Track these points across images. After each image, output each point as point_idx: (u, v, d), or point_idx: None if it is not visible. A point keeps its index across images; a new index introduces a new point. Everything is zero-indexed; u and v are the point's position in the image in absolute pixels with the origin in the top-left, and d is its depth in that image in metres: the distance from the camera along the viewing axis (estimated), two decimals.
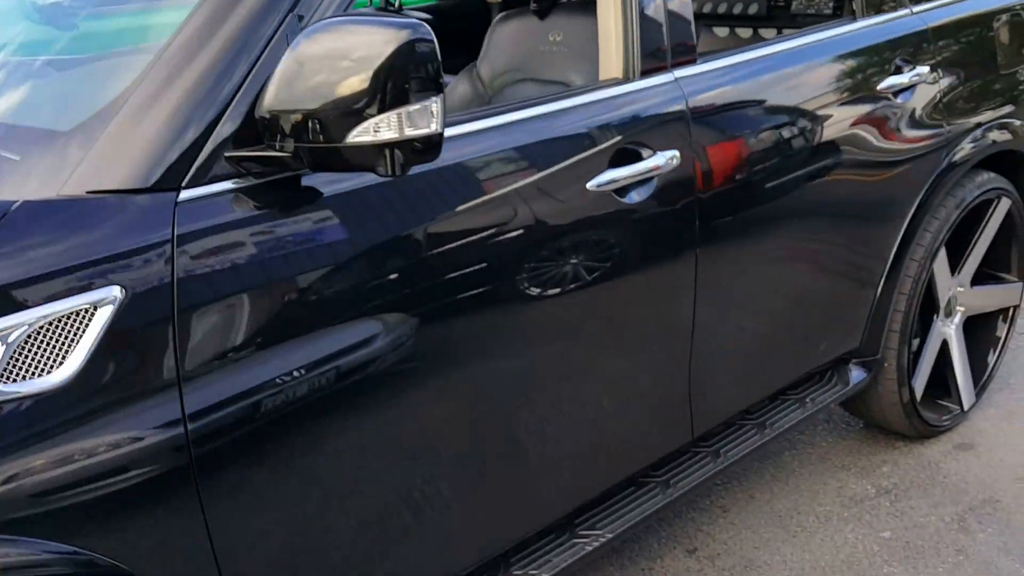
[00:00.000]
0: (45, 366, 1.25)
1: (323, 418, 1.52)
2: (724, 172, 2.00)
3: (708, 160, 1.96)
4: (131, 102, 1.40)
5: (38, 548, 1.30)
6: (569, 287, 1.78)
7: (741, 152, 2.04)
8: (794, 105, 2.17)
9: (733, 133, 2.03)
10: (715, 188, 1.98)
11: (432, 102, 1.31)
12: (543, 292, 1.74)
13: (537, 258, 1.72)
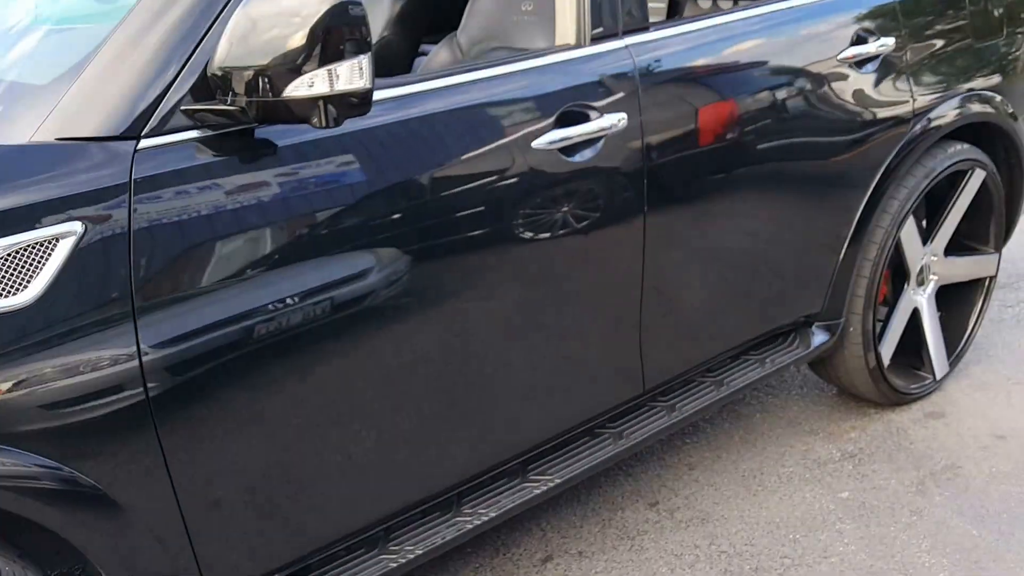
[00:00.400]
0: (11, 289, 1.39)
1: (270, 356, 1.65)
2: (674, 135, 2.10)
3: (657, 123, 2.06)
4: (97, 59, 1.54)
5: (29, 460, 1.45)
6: (516, 240, 1.90)
7: (692, 116, 2.14)
8: (748, 72, 2.26)
9: (684, 98, 2.12)
10: (664, 150, 2.08)
11: (361, 59, 1.43)
12: (488, 244, 1.86)
13: (482, 211, 1.83)
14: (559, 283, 2.01)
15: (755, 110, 2.28)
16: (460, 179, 1.79)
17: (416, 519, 2.01)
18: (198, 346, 1.58)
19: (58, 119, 1.49)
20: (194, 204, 1.54)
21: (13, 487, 1.43)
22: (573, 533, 2.55)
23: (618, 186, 2.02)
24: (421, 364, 1.86)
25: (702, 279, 2.33)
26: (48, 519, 1.50)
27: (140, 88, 1.51)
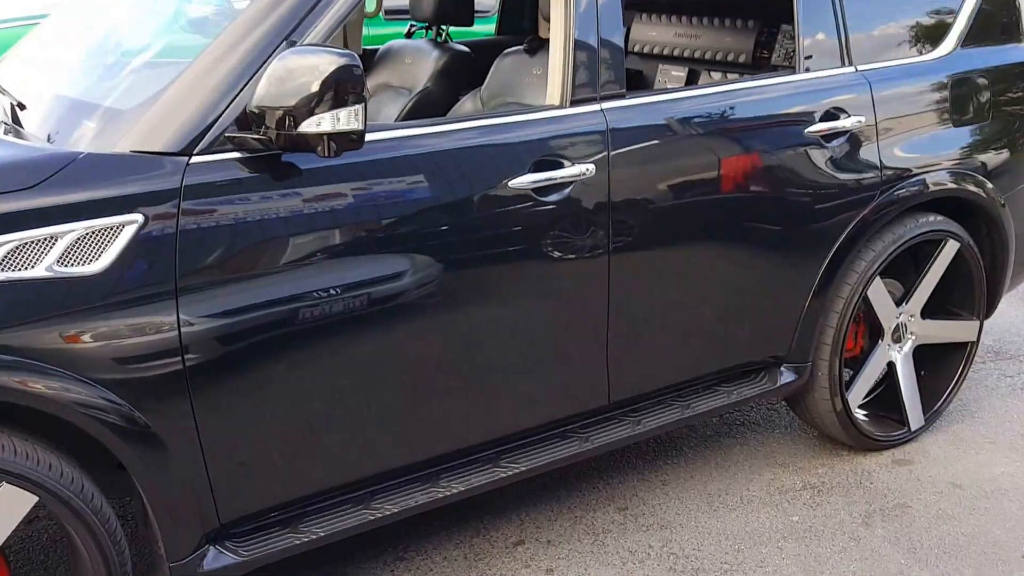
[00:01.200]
0: (86, 260, 1.88)
1: (283, 338, 2.10)
2: (638, 186, 2.50)
3: (624, 175, 2.46)
4: (168, 93, 2.04)
5: (98, 394, 1.93)
6: (490, 263, 2.32)
7: (657, 172, 2.53)
8: (714, 137, 2.65)
9: (651, 156, 2.52)
10: (629, 198, 2.48)
11: (358, 107, 1.90)
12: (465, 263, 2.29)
13: (459, 237, 2.27)
14: (530, 301, 2.43)
15: (717, 171, 2.66)
16: (442, 207, 2.23)
17: (398, 486, 2.42)
18: (229, 324, 2.04)
19: (134, 137, 2.00)
20: (229, 210, 2.02)
21: (87, 413, 1.91)
22: (546, 525, 2.92)
23: (584, 225, 2.43)
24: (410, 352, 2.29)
25: (666, 313, 2.70)
26: (110, 443, 1.96)
27: (197, 118, 2.01)
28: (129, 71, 2.40)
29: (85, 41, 2.60)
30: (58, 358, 1.88)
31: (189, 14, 2.56)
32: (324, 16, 2.09)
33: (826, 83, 2.88)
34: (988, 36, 3.33)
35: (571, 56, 2.42)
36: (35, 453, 1.88)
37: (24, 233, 1.83)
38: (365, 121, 1.93)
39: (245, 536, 2.22)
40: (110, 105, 2.15)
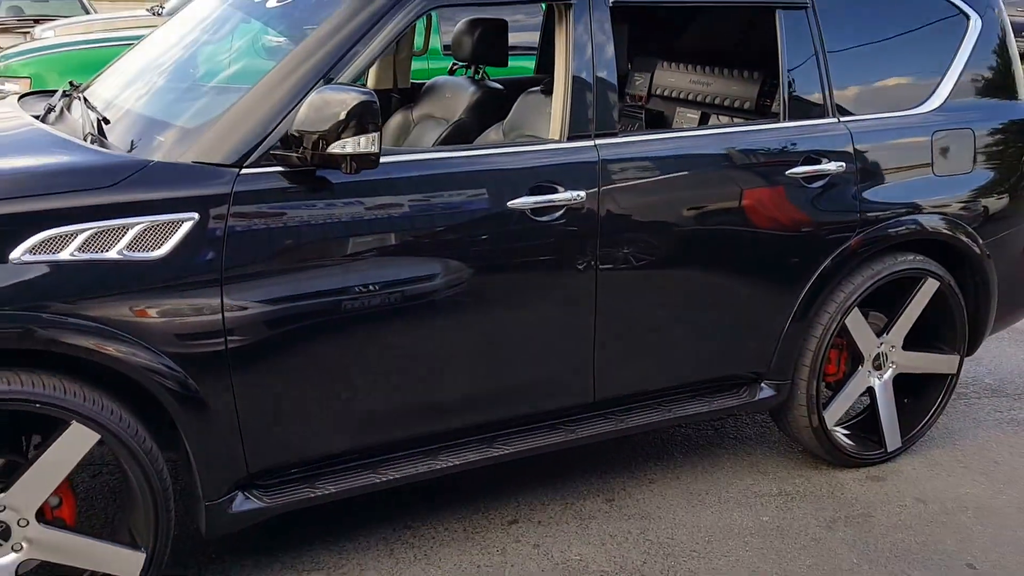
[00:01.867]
0: (150, 247, 2.35)
1: (310, 327, 2.53)
2: (625, 212, 2.88)
3: (611, 201, 2.85)
4: (225, 116, 2.51)
5: (159, 360, 2.39)
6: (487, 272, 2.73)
7: (642, 200, 2.92)
8: (699, 172, 3.02)
9: (637, 186, 2.90)
10: (615, 222, 2.87)
11: (374, 135, 2.34)
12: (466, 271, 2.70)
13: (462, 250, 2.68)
14: (523, 307, 2.82)
15: (699, 203, 3.02)
16: (447, 221, 2.66)
17: (402, 457, 2.83)
18: (265, 312, 2.48)
19: (196, 150, 2.47)
20: (270, 214, 2.46)
21: (149, 375, 2.37)
22: (539, 508, 3.30)
23: (574, 244, 2.82)
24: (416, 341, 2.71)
25: (649, 325, 3.07)
26: (166, 401, 2.41)
27: (249, 137, 2.47)
28: (195, 95, 2.89)
29: (162, 67, 3.10)
30: (127, 328, 2.34)
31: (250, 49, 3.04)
32: (355, 61, 2.54)
33: (808, 131, 3.23)
34: (980, 93, 3.63)
35: (570, 98, 2.83)
36: (101, 400, 2.35)
37: (101, 223, 2.31)
38: (380, 146, 2.37)
39: (269, 487, 2.65)
40: (179, 124, 2.62)
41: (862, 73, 3.39)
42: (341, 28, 2.57)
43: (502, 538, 3.12)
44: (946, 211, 3.50)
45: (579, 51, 2.84)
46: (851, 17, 3.33)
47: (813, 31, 3.23)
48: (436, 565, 2.97)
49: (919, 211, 3.45)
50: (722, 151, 3.09)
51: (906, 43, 3.47)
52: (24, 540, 2.36)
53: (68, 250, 2.27)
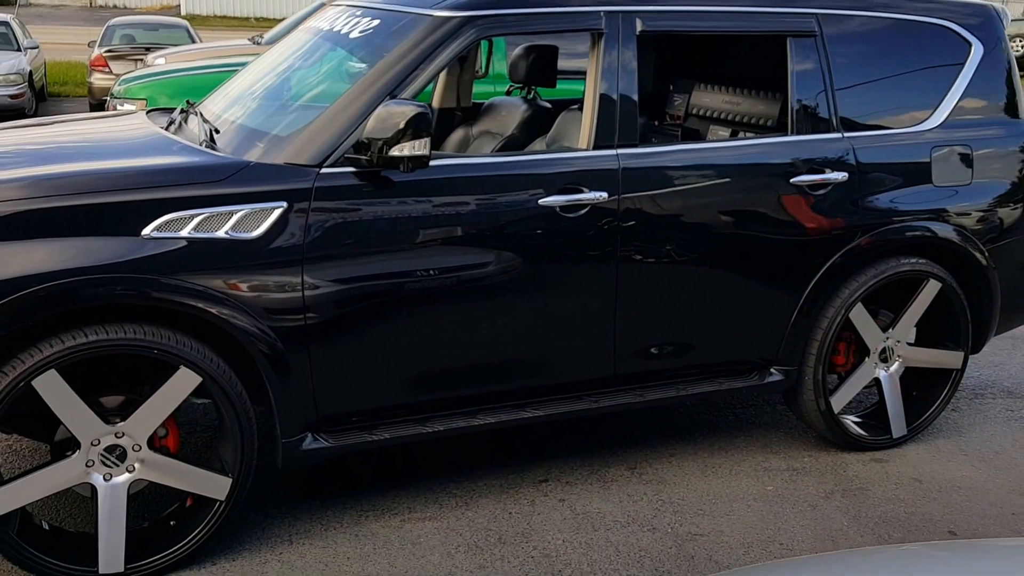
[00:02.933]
0: (248, 229, 2.94)
1: (375, 304, 3.07)
2: (641, 211, 3.37)
3: (630, 202, 3.34)
4: (310, 126, 3.10)
5: (256, 324, 2.97)
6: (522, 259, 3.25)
7: (658, 200, 3.40)
8: (711, 178, 3.48)
9: (654, 188, 3.39)
10: (633, 219, 3.36)
11: (425, 140, 2.89)
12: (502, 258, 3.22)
13: (502, 239, 3.20)
14: (552, 290, 3.33)
15: (710, 206, 3.49)
16: (488, 213, 3.19)
17: (445, 415, 3.36)
18: (338, 290, 3.04)
19: (286, 153, 3.06)
20: (344, 205, 3.03)
21: (246, 335, 2.94)
22: (568, 471, 3.78)
23: (597, 236, 3.32)
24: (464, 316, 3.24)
25: (663, 311, 3.53)
26: (257, 358, 2.98)
27: (329, 143, 3.05)
28: (287, 110, 3.49)
29: (261, 88, 3.72)
30: (229, 295, 2.92)
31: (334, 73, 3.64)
32: (415, 81, 3.11)
33: (812, 144, 3.66)
34: (980, 113, 4.01)
35: (596, 113, 3.34)
36: (204, 351, 2.93)
37: (213, 209, 2.90)
38: (430, 150, 2.93)
39: (334, 431, 3.20)
40: (273, 133, 3.22)
41: (867, 94, 3.81)
42: (405, 56, 3.14)
43: (532, 493, 3.62)
44: (944, 218, 3.88)
45: (607, 73, 3.35)
46: (858, 45, 3.76)
47: (821, 56, 3.67)
48: (474, 510, 3.48)
49: (918, 218, 3.83)
50: (731, 161, 3.56)
51: (910, 67, 3.88)
52: (137, 462, 2.96)
53: (186, 229, 2.87)
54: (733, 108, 4.44)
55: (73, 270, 2.75)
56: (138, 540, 3.03)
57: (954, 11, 3.94)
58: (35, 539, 2.94)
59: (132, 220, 2.84)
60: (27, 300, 2.70)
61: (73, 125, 3.92)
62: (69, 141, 3.61)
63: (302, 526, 3.35)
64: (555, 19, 3.33)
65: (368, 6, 3.60)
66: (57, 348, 2.76)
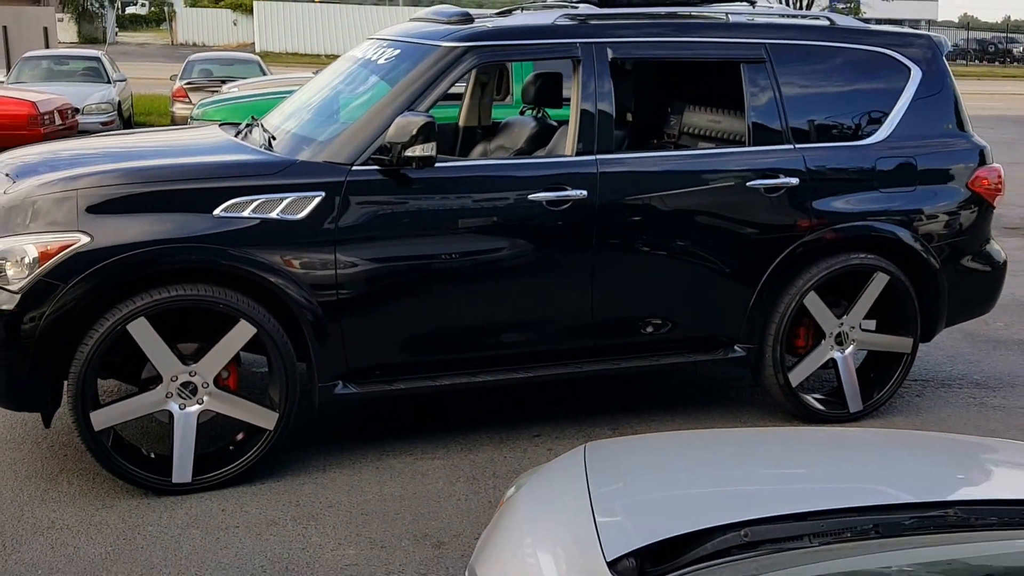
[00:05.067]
0: (294, 212, 3.74)
1: (394, 280, 3.84)
2: (615, 205, 4.09)
3: (607, 198, 4.07)
4: (343, 134, 3.91)
5: (301, 293, 3.78)
6: (514, 244, 3.99)
7: (632, 198, 4.11)
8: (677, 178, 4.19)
9: (628, 187, 4.10)
10: (609, 213, 4.08)
11: (432, 143, 3.67)
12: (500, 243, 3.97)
13: (498, 227, 3.95)
14: (539, 271, 4.06)
15: (678, 203, 4.19)
16: (484, 206, 3.94)
17: (452, 372, 4.10)
18: (365, 269, 3.82)
19: (326, 154, 3.87)
20: (371, 197, 3.81)
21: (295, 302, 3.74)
22: (558, 430, 4.47)
23: (577, 226, 4.05)
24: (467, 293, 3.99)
25: (636, 291, 4.23)
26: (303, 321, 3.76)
27: (357, 147, 3.85)
28: (328, 121, 4.31)
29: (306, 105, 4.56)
30: (280, 266, 3.72)
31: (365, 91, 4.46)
32: (427, 98, 3.90)
33: (766, 154, 4.35)
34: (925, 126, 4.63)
35: (577, 123, 4.09)
36: (260, 308, 3.73)
37: (267, 195, 3.71)
38: (435, 151, 3.71)
39: (361, 381, 3.96)
40: (318, 139, 4.03)
41: (816, 112, 4.48)
42: (419, 78, 3.93)
43: (525, 444, 4.33)
44: (890, 219, 4.51)
45: (586, 92, 4.09)
46: (805, 70, 4.45)
47: (771, 79, 4.36)
48: (475, 453, 4.20)
49: (865, 218, 4.47)
50: (696, 167, 4.27)
51: (855, 88, 4.55)
52: (206, 396, 3.75)
53: (247, 211, 3.68)
54: (715, 126, 5.14)
55: (160, 240, 3.58)
56: (203, 460, 3.82)
57: (892, 40, 4.60)
58: (125, 452, 3.75)
59: (206, 203, 3.66)
60: (125, 262, 3.53)
61: (162, 134, 4.81)
62: (159, 144, 4.50)
63: (333, 459, 4.11)
64: (540, 48, 4.10)
65: (392, 39, 4.42)
66: (146, 300, 3.58)
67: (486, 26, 4.09)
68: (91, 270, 3.51)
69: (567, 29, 4.13)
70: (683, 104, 5.45)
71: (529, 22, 4.27)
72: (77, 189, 3.61)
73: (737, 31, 4.37)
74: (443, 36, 4.06)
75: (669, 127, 5.54)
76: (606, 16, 4.26)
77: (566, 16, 4.19)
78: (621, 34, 4.17)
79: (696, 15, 4.57)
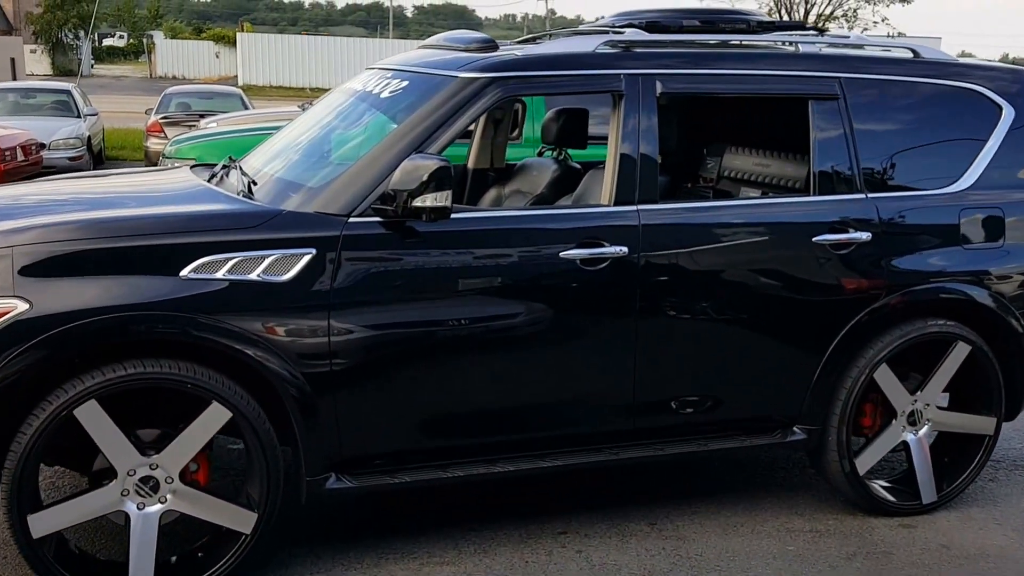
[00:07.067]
0: (280, 273, 3.07)
1: (397, 352, 3.17)
2: (660, 264, 3.45)
3: (650, 256, 3.42)
4: (339, 179, 3.25)
5: (286, 367, 3.07)
6: (545, 311, 3.34)
7: (677, 257, 3.47)
8: (731, 236, 3.55)
9: (673, 244, 3.47)
10: (653, 274, 3.43)
11: (447, 192, 3.02)
12: (523, 309, 3.31)
13: (522, 289, 3.30)
14: (572, 342, 3.40)
15: (732, 262, 3.55)
16: (510, 265, 3.29)
17: (466, 461, 3.42)
18: (363, 337, 3.14)
19: (317, 203, 3.20)
20: (371, 254, 3.15)
21: (277, 377, 3.05)
22: (587, 524, 3.80)
23: (617, 290, 3.40)
24: (483, 366, 3.32)
25: (684, 364, 3.58)
26: (287, 399, 3.08)
27: (356, 194, 3.19)
28: (320, 164, 3.65)
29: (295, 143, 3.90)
30: (261, 336, 3.04)
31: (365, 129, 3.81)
32: (440, 138, 3.25)
33: (835, 204, 3.72)
34: (1015, 174, 4.03)
35: (616, 167, 3.45)
36: (235, 388, 3.05)
37: (246, 253, 3.04)
38: (451, 201, 3.06)
39: (357, 472, 3.27)
40: (307, 185, 3.37)
41: (893, 155, 3.87)
42: (431, 114, 3.29)
43: (551, 543, 3.64)
44: (975, 280, 3.88)
45: (628, 133, 3.46)
46: (884, 109, 3.84)
47: (844, 119, 3.75)
48: (492, 557, 3.51)
49: (946, 279, 3.85)
50: (754, 219, 3.63)
51: (937, 129, 3.95)
52: (169, 493, 3.06)
53: (221, 271, 3.01)
54: (763, 170, 4.53)
55: (115, 307, 2.90)
56: (166, 568, 3.11)
57: (983, 75, 4.01)
58: (69, 563, 3.04)
59: (171, 262, 2.99)
60: (72, 334, 2.85)
61: (124, 177, 4.13)
62: (119, 190, 3.82)
63: (324, 564, 3.41)
64: (576, 81, 3.48)
65: (398, 68, 3.78)
66: (98, 379, 2.89)
67: (514, 54, 3.46)
68: (30, 344, 2.84)
69: (610, 59, 3.51)
70: (722, 145, 4.84)
71: (565, 50, 3.64)
72: (13, 246, 2.93)
73: (808, 63, 3.77)
74: (462, 65, 3.43)
75: (705, 170, 4.92)
76: (654, 43, 3.65)
77: (609, 43, 3.57)
78: (672, 64, 3.56)
79: (759, 44, 3.96)
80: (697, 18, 4.00)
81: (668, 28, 3.86)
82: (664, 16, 3.96)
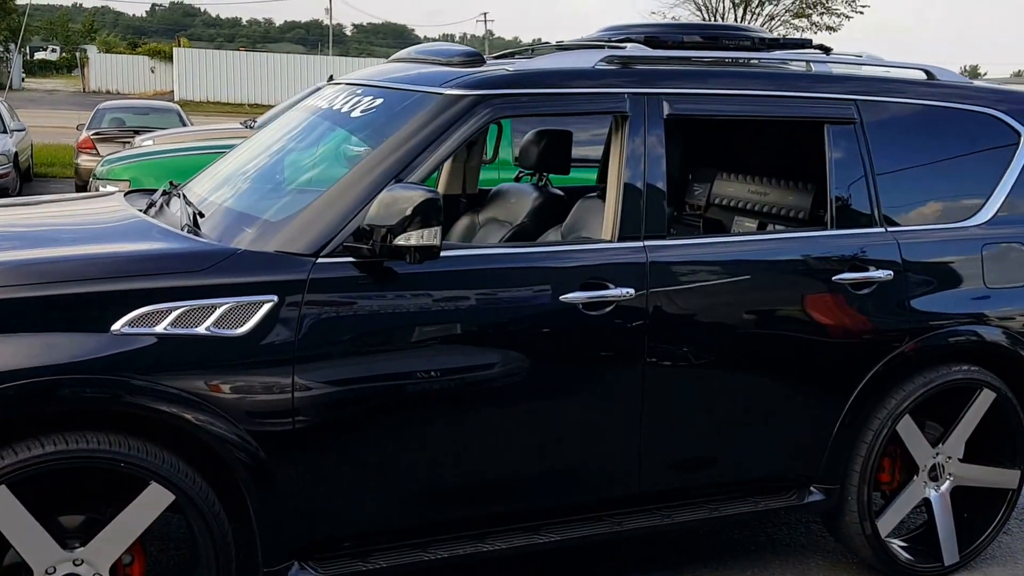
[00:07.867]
0: (235, 325, 2.57)
1: (372, 411, 2.70)
2: (671, 310, 3.03)
3: (659, 300, 3.00)
4: (305, 212, 2.76)
5: (234, 431, 2.55)
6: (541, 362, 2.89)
7: (687, 300, 3.05)
8: (745, 276, 3.15)
9: (684, 286, 3.05)
10: (663, 320, 3.01)
11: (436, 229, 2.55)
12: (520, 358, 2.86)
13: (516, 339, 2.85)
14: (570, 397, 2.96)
15: (746, 305, 3.15)
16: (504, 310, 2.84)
17: (451, 538, 2.94)
18: (332, 393, 2.66)
19: (278, 241, 2.71)
20: (342, 299, 2.67)
21: (224, 444, 2.55)
22: None
23: (624, 338, 2.97)
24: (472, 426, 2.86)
25: (695, 420, 3.16)
26: (236, 469, 2.57)
27: (325, 231, 2.71)
28: (280, 193, 3.16)
29: (252, 169, 3.40)
30: (208, 399, 2.54)
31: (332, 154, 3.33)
32: (423, 164, 2.80)
33: (854, 240, 3.34)
34: None
35: (621, 201, 3.02)
36: (178, 463, 2.54)
37: (193, 302, 2.54)
38: (441, 239, 2.59)
39: (324, 559, 2.78)
40: (264, 217, 2.88)
41: (911, 186, 3.51)
42: (412, 137, 2.83)
43: None
44: (999, 322, 3.54)
45: (633, 159, 3.04)
46: (900, 134, 3.48)
47: (861, 145, 3.38)
48: None
49: (970, 321, 3.50)
50: (772, 256, 3.24)
51: (956, 159, 3.60)
52: None
53: (162, 325, 2.50)
54: (760, 199, 4.15)
55: (29, 370, 2.37)
56: None
57: (1002, 99, 3.68)
58: None
59: (101, 314, 2.47)
60: None
61: (44, 207, 3.59)
62: (36, 224, 3.27)
63: None
64: (575, 100, 3.05)
65: (370, 84, 3.30)
66: (9, 461, 2.37)
67: (505, 70, 3.02)
68: None
69: (612, 76, 3.09)
70: (710, 171, 4.45)
71: (562, 65, 3.21)
72: None
73: (823, 84, 3.39)
74: (446, 81, 2.97)
75: (692, 196, 4.53)
76: (659, 60, 3.24)
77: (609, 59, 3.14)
78: (680, 84, 3.14)
79: (768, 62, 3.58)
80: (698, 34, 3.61)
81: (667, 44, 3.46)
82: (663, 31, 3.57)
